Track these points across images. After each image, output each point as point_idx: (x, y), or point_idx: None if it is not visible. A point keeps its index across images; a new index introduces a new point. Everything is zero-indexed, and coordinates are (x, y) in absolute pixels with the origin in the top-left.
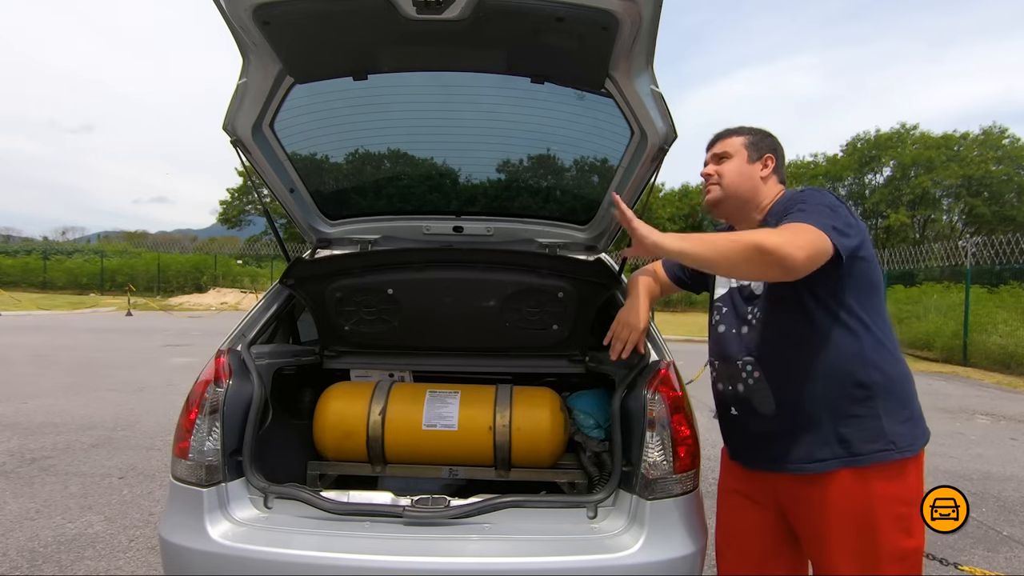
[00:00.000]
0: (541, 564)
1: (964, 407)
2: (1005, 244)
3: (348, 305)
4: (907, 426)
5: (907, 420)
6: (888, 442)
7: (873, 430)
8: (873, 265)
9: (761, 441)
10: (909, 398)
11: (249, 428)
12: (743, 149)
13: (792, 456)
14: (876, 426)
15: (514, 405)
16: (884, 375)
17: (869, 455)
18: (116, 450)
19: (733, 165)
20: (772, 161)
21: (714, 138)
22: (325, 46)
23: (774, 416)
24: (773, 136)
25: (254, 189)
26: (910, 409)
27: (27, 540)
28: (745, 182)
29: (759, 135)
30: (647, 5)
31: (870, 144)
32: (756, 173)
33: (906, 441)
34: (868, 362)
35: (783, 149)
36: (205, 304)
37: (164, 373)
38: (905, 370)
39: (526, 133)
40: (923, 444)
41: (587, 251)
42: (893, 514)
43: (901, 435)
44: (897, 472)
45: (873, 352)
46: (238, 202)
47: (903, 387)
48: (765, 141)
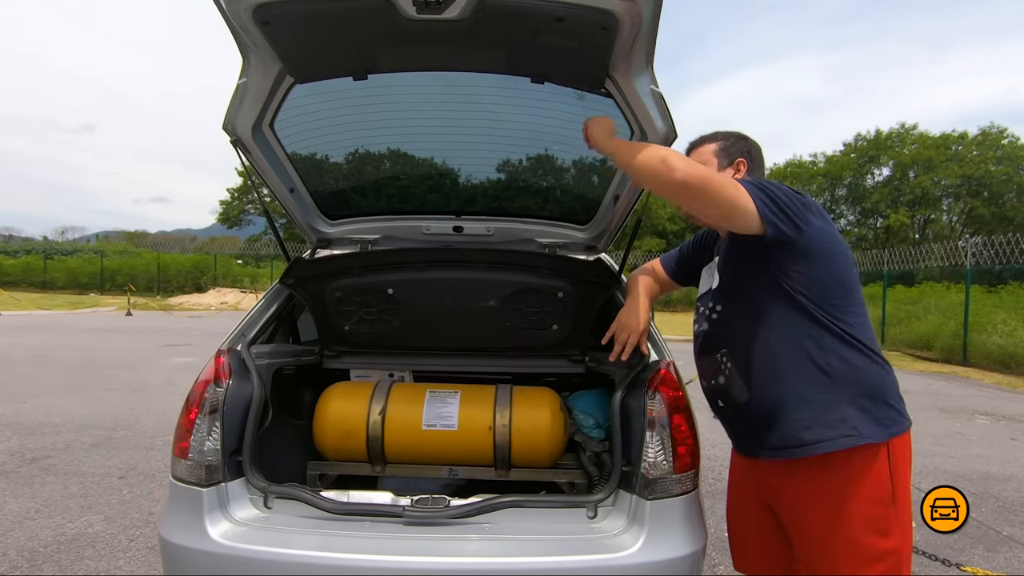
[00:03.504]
0: (541, 564)
1: (964, 407)
2: (1005, 244)
3: (348, 305)
4: (870, 414)
5: (870, 409)
6: (850, 427)
7: (834, 415)
8: (836, 262)
9: (744, 429)
10: (877, 390)
11: (249, 428)
12: (713, 157)
13: (766, 442)
14: (837, 412)
15: (514, 405)
16: (846, 363)
17: (831, 440)
18: (116, 450)
19: None
20: (744, 165)
21: (688, 148)
22: (325, 46)
23: (747, 403)
24: (746, 139)
25: (254, 189)
26: (878, 400)
27: (27, 540)
28: None
29: (730, 139)
30: (647, 5)
31: (869, 144)
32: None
33: (868, 429)
34: (827, 348)
35: (759, 150)
36: (205, 304)
37: (164, 373)
38: (876, 364)
39: (526, 133)
40: (893, 433)
41: (587, 251)
42: (863, 514)
43: (863, 423)
44: (865, 468)
45: (834, 340)
46: (238, 202)
47: (871, 378)
48: (736, 145)
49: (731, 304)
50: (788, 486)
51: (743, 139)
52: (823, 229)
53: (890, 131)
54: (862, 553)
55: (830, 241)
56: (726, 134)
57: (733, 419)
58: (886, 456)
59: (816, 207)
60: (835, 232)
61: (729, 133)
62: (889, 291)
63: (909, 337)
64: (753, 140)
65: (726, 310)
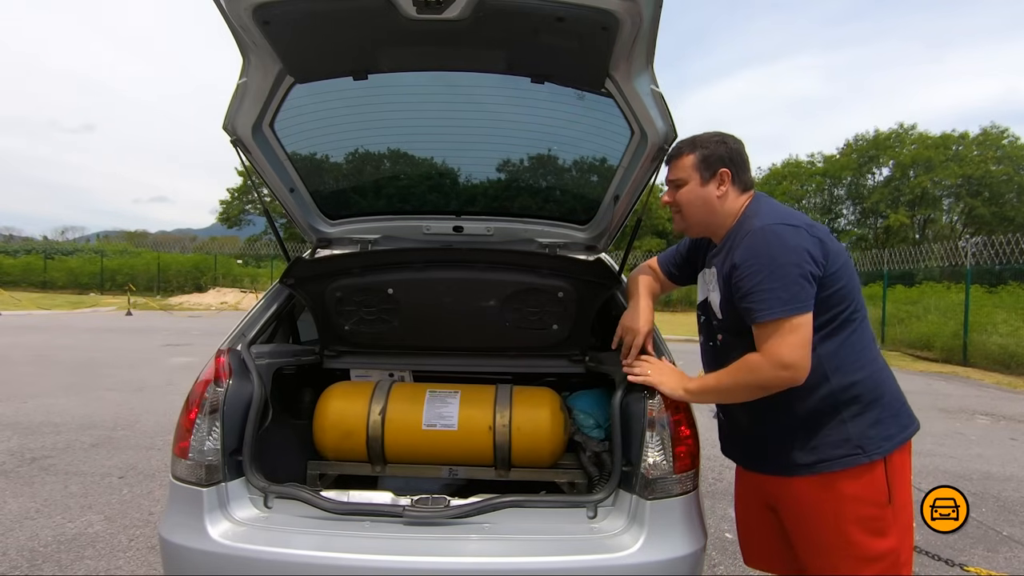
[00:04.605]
0: (541, 564)
1: (964, 407)
2: (1005, 244)
3: (348, 305)
4: (876, 429)
5: (875, 423)
6: (854, 447)
7: (840, 435)
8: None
9: (744, 445)
10: (879, 398)
11: (249, 428)
12: (694, 172)
13: (769, 462)
14: (842, 432)
15: (514, 405)
16: (849, 381)
17: (836, 460)
18: (116, 450)
19: (687, 192)
20: (728, 176)
21: (667, 157)
22: (325, 46)
23: (750, 425)
24: (725, 141)
25: (254, 189)
26: (879, 410)
27: (27, 539)
28: (702, 207)
29: (709, 147)
30: (647, 5)
31: (869, 144)
32: (712, 195)
33: (874, 444)
34: (832, 372)
35: (740, 150)
36: (205, 304)
37: (164, 373)
38: (875, 370)
39: (526, 133)
40: (899, 442)
41: (587, 251)
42: (858, 515)
43: (869, 439)
44: (863, 472)
45: (837, 363)
46: (238, 202)
47: (872, 389)
48: (716, 153)
49: (732, 336)
50: (786, 494)
51: (721, 143)
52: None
53: (889, 131)
54: (858, 553)
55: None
56: (704, 140)
57: (729, 433)
58: (883, 462)
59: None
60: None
61: (707, 138)
62: (889, 291)
63: (909, 337)
64: (733, 139)
65: (728, 339)
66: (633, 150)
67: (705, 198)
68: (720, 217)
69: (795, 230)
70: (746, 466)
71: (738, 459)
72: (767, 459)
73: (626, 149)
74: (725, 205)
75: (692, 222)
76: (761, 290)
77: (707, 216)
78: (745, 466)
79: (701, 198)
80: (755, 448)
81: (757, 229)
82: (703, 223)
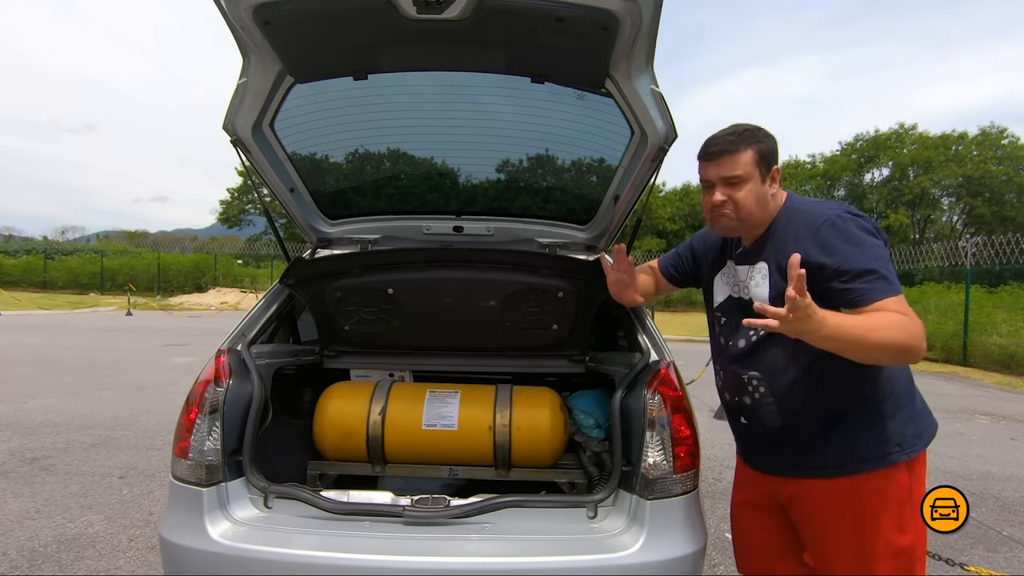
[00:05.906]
0: (541, 564)
1: (964, 407)
2: (1005, 244)
3: (348, 305)
4: (911, 426)
5: (910, 420)
6: (894, 445)
7: (879, 435)
8: None
9: (771, 448)
10: (909, 393)
11: (249, 428)
12: (755, 169)
13: (801, 463)
14: (881, 431)
15: (514, 405)
16: (884, 378)
17: (876, 459)
18: (116, 450)
19: (749, 191)
20: (778, 173)
21: (716, 150)
22: (325, 46)
23: (781, 427)
24: (772, 135)
25: (254, 189)
26: (912, 406)
27: (27, 540)
28: (762, 206)
29: (765, 143)
30: (647, 5)
31: (868, 144)
32: (769, 193)
33: (909, 442)
34: (869, 372)
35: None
36: (205, 304)
37: (164, 373)
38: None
39: (526, 133)
40: (929, 438)
41: (587, 251)
42: (889, 512)
43: (906, 436)
44: (898, 471)
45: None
46: (238, 202)
47: (902, 385)
48: (772, 148)
49: (773, 337)
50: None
51: (770, 137)
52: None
53: (889, 131)
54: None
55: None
56: (755, 135)
57: (754, 436)
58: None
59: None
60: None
61: (758, 133)
62: None
63: None
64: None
65: (767, 341)
66: (633, 150)
67: (766, 197)
68: (768, 215)
69: (866, 218)
70: (774, 472)
71: (762, 464)
72: (798, 462)
73: (626, 149)
74: (774, 202)
75: (750, 224)
76: (874, 269)
77: (762, 216)
78: (773, 472)
79: (764, 197)
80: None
81: (836, 216)
82: (757, 224)
